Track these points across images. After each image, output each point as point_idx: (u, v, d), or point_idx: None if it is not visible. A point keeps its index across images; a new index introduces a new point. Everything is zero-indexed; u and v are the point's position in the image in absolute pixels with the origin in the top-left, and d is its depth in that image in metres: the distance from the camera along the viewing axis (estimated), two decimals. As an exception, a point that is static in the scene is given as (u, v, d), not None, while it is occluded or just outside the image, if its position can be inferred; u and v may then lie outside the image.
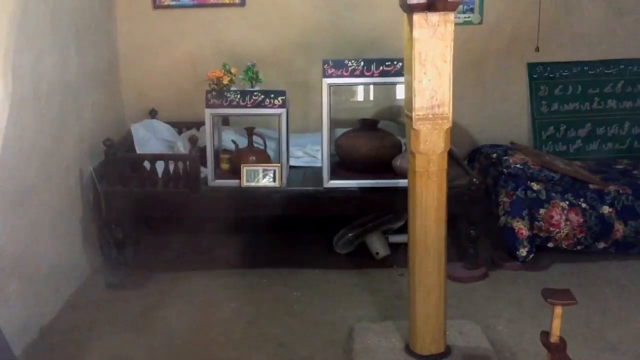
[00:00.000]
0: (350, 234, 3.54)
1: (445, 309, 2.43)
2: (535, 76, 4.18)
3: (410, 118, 2.31)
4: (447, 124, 2.31)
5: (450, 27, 2.25)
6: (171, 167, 3.29)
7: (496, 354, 2.48)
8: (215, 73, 3.33)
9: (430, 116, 2.29)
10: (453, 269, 3.33)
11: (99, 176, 3.37)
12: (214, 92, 3.26)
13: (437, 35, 2.25)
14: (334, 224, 3.66)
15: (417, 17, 2.21)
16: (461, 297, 3.09)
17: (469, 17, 4.11)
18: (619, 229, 3.37)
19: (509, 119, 4.25)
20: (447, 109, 2.29)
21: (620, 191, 3.43)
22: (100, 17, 3.79)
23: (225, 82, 3.31)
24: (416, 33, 2.23)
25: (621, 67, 4.16)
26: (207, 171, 3.29)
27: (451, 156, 3.78)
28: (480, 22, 4.13)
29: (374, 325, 2.70)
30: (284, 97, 3.25)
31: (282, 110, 3.25)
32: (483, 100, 4.24)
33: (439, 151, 2.33)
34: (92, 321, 2.94)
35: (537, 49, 4.02)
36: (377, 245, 3.52)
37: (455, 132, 4.19)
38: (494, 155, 3.82)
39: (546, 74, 4.17)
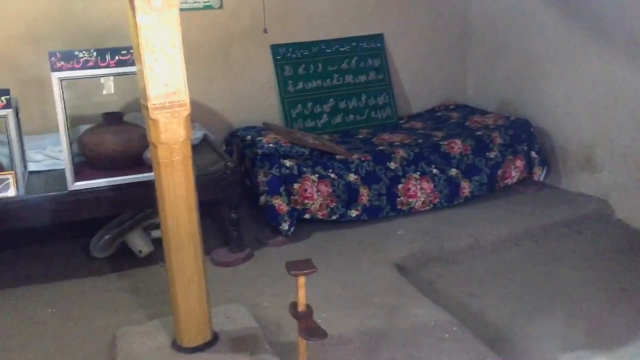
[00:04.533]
0: (107, 236, 3.33)
1: (208, 297, 2.41)
2: (279, 57, 4.34)
3: (147, 108, 2.22)
4: (186, 111, 2.26)
5: (176, 11, 2.17)
6: None
7: (263, 331, 2.54)
8: None
9: (167, 104, 2.22)
10: (218, 255, 3.35)
11: None
12: None
13: (162, 20, 2.16)
14: (90, 227, 3.41)
15: (138, 2, 2.11)
16: (228, 281, 3.11)
17: (208, 1, 4.09)
18: (364, 193, 3.69)
19: (260, 100, 4.37)
20: (184, 96, 2.24)
21: (362, 159, 3.75)
22: None
23: None
24: (140, 19, 2.13)
25: (353, 44, 4.53)
26: None
27: (207, 142, 3.80)
28: (221, 7, 4.14)
29: (138, 328, 2.57)
30: (8, 97, 2.91)
31: (8, 111, 2.91)
32: (233, 84, 4.29)
33: (181, 139, 2.28)
34: None
35: (265, 31, 4.17)
36: (139, 243, 3.36)
37: (210, 117, 4.23)
38: (249, 137, 3.91)
39: (289, 55, 4.36)
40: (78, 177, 3.03)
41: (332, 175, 3.64)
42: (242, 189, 3.54)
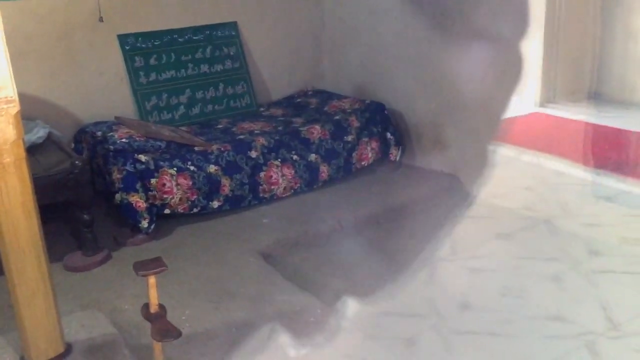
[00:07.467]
0: (-61, 251, 2.99)
1: (57, 307, 2.25)
2: (128, 48, 4.13)
3: (-32, 107, 2.01)
4: (15, 108, 2.07)
5: (-7, -1, 1.98)
6: None
7: (122, 335, 2.43)
8: None
9: (-9, 102, 2.03)
10: (72, 259, 3.16)
11: None
12: None
13: (-22, 9, 1.96)
14: None
15: (-53, -11, 1.90)
16: (84, 287, 2.93)
17: (42, -12, 3.79)
18: (226, 184, 3.63)
19: (111, 94, 4.14)
20: (11, 91, 2.06)
21: (222, 149, 3.69)
22: None
23: None
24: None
25: (207, 32, 4.42)
26: None
27: (52, 140, 3.54)
28: (57, -6, 3.86)
29: (-21, 348, 2.35)
30: None
31: None
32: (79, 77, 4.02)
33: (12, 139, 2.08)
34: None
35: (101, 20, 3.96)
36: (-21, 255, 3.06)
37: (55, 113, 3.94)
38: (99, 133, 3.70)
39: (138, 45, 4.17)
40: None
41: (192, 168, 3.54)
42: (93, 187, 3.35)
